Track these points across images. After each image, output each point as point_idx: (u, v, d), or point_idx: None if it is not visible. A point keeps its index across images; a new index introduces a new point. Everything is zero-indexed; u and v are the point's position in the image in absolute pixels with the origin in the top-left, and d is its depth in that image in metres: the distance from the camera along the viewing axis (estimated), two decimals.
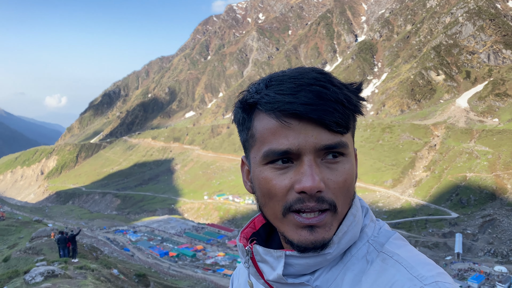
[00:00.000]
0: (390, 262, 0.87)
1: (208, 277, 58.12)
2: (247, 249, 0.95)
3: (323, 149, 0.86)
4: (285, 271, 0.90)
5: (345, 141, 0.87)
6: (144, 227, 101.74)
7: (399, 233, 0.97)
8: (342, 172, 0.87)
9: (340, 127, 0.86)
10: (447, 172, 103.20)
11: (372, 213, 1.01)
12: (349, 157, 0.90)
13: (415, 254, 0.90)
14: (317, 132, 0.85)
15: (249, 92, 0.96)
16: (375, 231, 0.96)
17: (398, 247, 0.91)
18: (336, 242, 0.89)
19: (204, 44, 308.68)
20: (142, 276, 18.33)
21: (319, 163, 0.86)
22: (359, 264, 0.90)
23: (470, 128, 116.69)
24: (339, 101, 0.85)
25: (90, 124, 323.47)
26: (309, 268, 0.91)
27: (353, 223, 0.92)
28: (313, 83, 0.86)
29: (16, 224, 32.93)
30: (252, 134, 0.93)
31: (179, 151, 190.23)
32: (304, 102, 0.83)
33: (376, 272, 0.86)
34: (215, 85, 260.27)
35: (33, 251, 19.30)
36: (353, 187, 0.91)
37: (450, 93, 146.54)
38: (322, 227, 0.87)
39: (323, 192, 0.85)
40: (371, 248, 0.92)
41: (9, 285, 10.14)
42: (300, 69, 0.93)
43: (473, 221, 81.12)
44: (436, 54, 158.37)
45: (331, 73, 0.93)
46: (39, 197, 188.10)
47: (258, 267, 0.94)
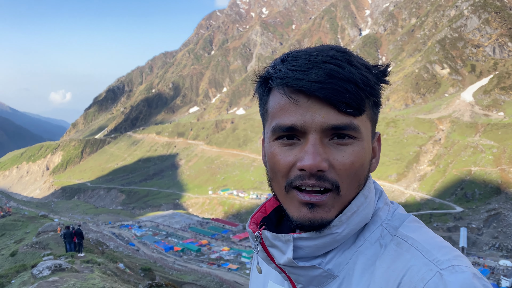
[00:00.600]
0: (404, 247, 0.85)
1: (213, 271, 58.42)
2: (256, 234, 0.96)
3: (331, 129, 0.84)
4: (295, 254, 0.90)
5: (356, 124, 0.85)
6: (149, 222, 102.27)
7: (414, 216, 0.94)
8: (350, 154, 0.86)
9: (350, 108, 0.83)
10: (452, 166, 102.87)
11: (386, 196, 0.99)
12: (361, 141, 0.87)
13: (431, 237, 0.87)
14: (325, 111, 0.83)
15: (268, 67, 0.96)
16: (389, 214, 0.94)
17: (412, 230, 0.89)
18: (344, 221, 0.88)
19: (207, 39, 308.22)
20: (148, 270, 18.48)
21: (326, 143, 0.86)
22: (372, 248, 0.88)
23: (475, 122, 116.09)
24: (352, 81, 0.83)
25: (94, 119, 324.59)
26: (319, 250, 0.90)
27: (364, 204, 0.90)
28: (327, 60, 0.85)
29: (23, 219, 33.22)
30: (266, 109, 0.95)
31: (183, 146, 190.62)
32: (313, 80, 0.82)
33: (391, 257, 0.85)
34: (219, 80, 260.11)
35: (40, 245, 19.50)
36: (362, 172, 0.89)
37: (455, 87, 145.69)
38: (321, 206, 0.86)
39: (326, 171, 0.85)
40: (384, 231, 0.90)
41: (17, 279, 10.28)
42: (320, 46, 0.92)
43: (478, 215, 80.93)
44: (441, 48, 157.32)
45: (352, 52, 0.90)
46: (44, 193, 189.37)
47: (268, 252, 0.94)
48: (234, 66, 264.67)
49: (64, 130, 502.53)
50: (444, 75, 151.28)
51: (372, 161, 0.96)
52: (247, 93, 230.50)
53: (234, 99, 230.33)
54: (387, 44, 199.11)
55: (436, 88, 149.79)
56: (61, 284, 7.43)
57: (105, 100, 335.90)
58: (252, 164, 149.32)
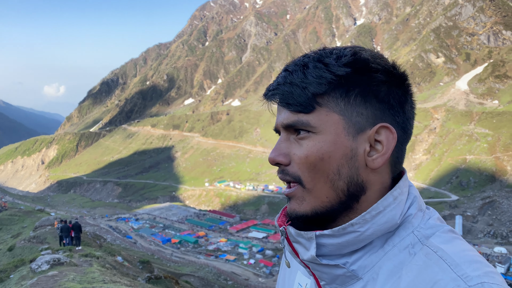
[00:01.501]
0: (433, 258, 0.82)
1: (210, 262, 58.75)
2: (281, 229, 0.97)
3: (286, 127, 0.93)
4: (318, 251, 0.90)
5: (304, 120, 0.90)
6: (146, 215, 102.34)
7: (450, 226, 0.92)
8: (304, 148, 0.90)
9: (292, 107, 0.91)
10: (447, 155, 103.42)
11: (422, 202, 0.97)
12: (319, 134, 0.90)
13: (462, 250, 0.84)
14: (283, 112, 0.93)
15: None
16: (423, 222, 0.92)
17: (444, 241, 0.86)
18: (369, 220, 0.87)
19: (201, 30, 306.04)
20: (146, 263, 18.51)
21: (292, 140, 0.93)
22: (400, 255, 0.87)
23: (470, 111, 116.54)
24: (294, 84, 0.90)
25: (89, 113, 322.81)
26: (343, 248, 0.90)
27: (392, 205, 0.89)
28: (287, 68, 0.95)
29: (19, 214, 33.13)
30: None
31: (179, 139, 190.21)
32: (270, 88, 0.96)
33: (418, 267, 0.82)
34: (213, 71, 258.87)
35: (37, 240, 19.47)
36: (325, 166, 0.90)
37: (450, 76, 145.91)
38: (293, 198, 0.94)
39: (288, 166, 0.92)
40: (415, 239, 0.88)
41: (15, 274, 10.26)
42: (306, 54, 0.97)
43: (473, 203, 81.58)
44: (435, 37, 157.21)
45: (324, 52, 0.94)
46: (40, 187, 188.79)
47: (293, 247, 0.96)
48: (229, 57, 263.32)
49: (58, 123, 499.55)
50: (439, 64, 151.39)
51: (374, 156, 0.92)
52: (242, 84, 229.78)
53: (229, 91, 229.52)
54: (382, 34, 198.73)
55: (431, 77, 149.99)
56: (60, 279, 7.41)
57: (99, 93, 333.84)
58: (248, 156, 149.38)
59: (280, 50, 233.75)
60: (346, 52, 0.92)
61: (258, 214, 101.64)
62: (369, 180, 0.92)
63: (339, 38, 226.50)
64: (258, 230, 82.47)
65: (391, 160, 0.94)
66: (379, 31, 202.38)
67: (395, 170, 0.96)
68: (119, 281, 7.83)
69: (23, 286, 7.28)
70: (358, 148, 0.91)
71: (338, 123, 0.90)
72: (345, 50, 0.93)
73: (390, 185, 0.95)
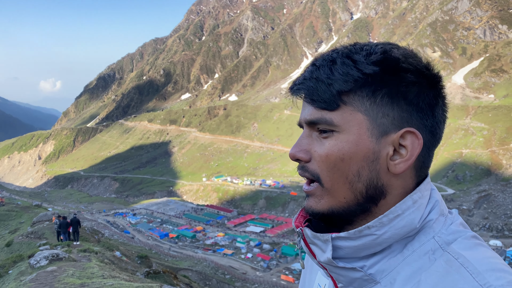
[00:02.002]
0: (454, 265, 0.79)
1: (208, 257, 59.00)
2: (298, 230, 0.96)
3: (309, 123, 0.92)
4: (335, 254, 0.89)
5: (328, 118, 0.88)
6: (143, 210, 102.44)
7: (474, 233, 0.89)
8: (326, 146, 0.88)
9: (317, 103, 0.89)
10: (443, 149, 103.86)
11: (444, 206, 0.94)
12: (341, 134, 0.88)
13: (485, 257, 0.80)
14: (308, 108, 0.92)
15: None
16: (444, 227, 0.88)
17: (466, 248, 0.83)
18: (386, 224, 0.85)
19: (198, 25, 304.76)
20: (145, 258, 18.64)
21: (314, 136, 0.92)
22: (420, 261, 0.84)
23: (466, 105, 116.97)
24: (320, 79, 0.88)
25: (86, 108, 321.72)
26: (360, 251, 0.88)
27: (411, 209, 0.86)
28: (314, 62, 0.93)
29: (16, 209, 33.17)
30: None
31: (176, 134, 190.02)
32: (296, 82, 0.94)
33: (438, 275, 0.80)
34: (210, 66, 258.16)
35: (35, 235, 19.55)
36: (345, 166, 0.88)
37: (446, 70, 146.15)
38: (312, 196, 0.92)
39: (308, 162, 0.91)
40: (436, 245, 0.85)
41: (14, 269, 10.34)
42: (333, 49, 0.95)
43: (468, 197, 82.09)
44: (432, 31, 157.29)
45: (353, 49, 0.91)
46: (37, 182, 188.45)
47: (310, 248, 0.95)
48: (226, 51, 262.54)
49: (55, 119, 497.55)
50: (435, 58, 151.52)
51: (396, 161, 0.89)
52: (239, 79, 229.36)
53: (226, 85, 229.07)
54: (379, 28, 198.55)
55: None
56: (60, 274, 7.51)
57: (96, 88, 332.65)
58: (245, 151, 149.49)
59: (277, 44, 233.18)
60: (377, 49, 0.89)
61: (255, 208, 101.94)
62: (390, 184, 0.90)
63: (336, 32, 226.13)
64: (256, 225, 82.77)
65: (416, 165, 0.91)
66: (375, 26, 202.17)
67: (420, 175, 0.93)
68: (118, 276, 7.93)
69: (22, 281, 7.37)
70: (381, 151, 0.88)
71: (362, 123, 0.88)
72: (376, 47, 0.89)
73: (412, 189, 0.91)
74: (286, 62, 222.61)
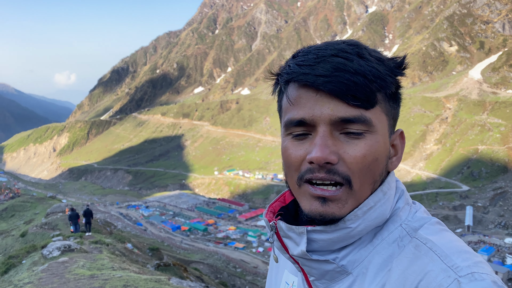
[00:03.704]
0: (423, 250, 0.82)
1: (219, 250, 59.24)
2: (271, 224, 0.95)
3: (340, 121, 0.83)
4: (309, 247, 0.89)
5: (367, 116, 0.83)
6: (156, 202, 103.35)
7: (437, 218, 0.92)
8: (362, 147, 0.84)
9: (358, 100, 0.82)
10: (458, 145, 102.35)
11: (408, 196, 0.97)
12: (374, 134, 0.85)
13: (451, 241, 0.84)
14: (334, 104, 0.82)
15: (282, 65, 0.95)
16: (410, 215, 0.91)
17: (433, 232, 0.86)
18: (360, 216, 0.86)
19: (211, 18, 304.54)
20: (156, 250, 18.71)
21: (336, 136, 0.84)
22: (389, 249, 0.86)
23: (483, 100, 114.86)
24: (359, 73, 0.81)
25: (99, 101, 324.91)
26: (333, 244, 0.88)
27: (382, 200, 0.89)
28: (335, 53, 0.85)
29: (31, 200, 33.62)
30: (280, 106, 0.95)
31: (189, 127, 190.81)
32: (319, 74, 0.82)
33: (408, 260, 0.82)
34: (223, 59, 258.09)
35: (49, 226, 19.76)
36: (377, 168, 0.87)
37: (463, 65, 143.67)
38: (335, 201, 0.85)
39: (336, 164, 0.83)
40: (403, 232, 0.87)
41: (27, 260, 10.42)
42: (331, 41, 0.92)
43: (484, 194, 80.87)
44: (449, 25, 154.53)
45: (364, 45, 0.89)
46: (52, 174, 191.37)
47: (283, 242, 0.94)
48: (239, 45, 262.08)
49: (69, 111, 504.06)
50: (452, 52, 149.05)
51: (393, 159, 0.94)
52: (252, 73, 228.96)
53: (238, 79, 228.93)
54: (394, 22, 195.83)
55: (443, 66, 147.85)
56: (70, 265, 7.50)
57: (109, 81, 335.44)
58: (257, 145, 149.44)
59: (290, 38, 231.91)
60: (379, 53, 0.90)
61: (267, 202, 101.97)
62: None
63: (351, 26, 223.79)
64: None
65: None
66: (391, 19, 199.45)
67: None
68: (128, 268, 7.90)
69: (34, 271, 7.38)
70: (389, 150, 0.92)
71: (385, 123, 0.89)
72: (376, 52, 0.90)
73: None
74: None
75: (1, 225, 27.00)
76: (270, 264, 1.21)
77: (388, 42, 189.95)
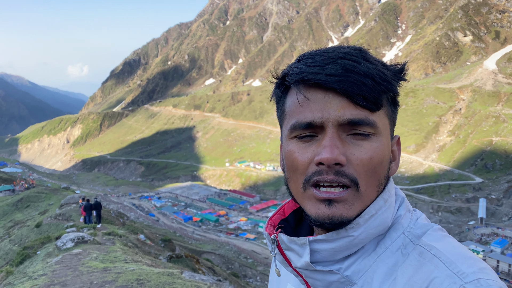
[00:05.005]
0: (427, 257, 0.81)
1: (231, 241, 59.63)
2: (272, 237, 0.94)
3: (347, 123, 0.84)
4: (312, 258, 0.88)
5: (372, 119, 0.84)
6: (168, 193, 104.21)
7: (439, 225, 0.91)
8: (368, 149, 0.85)
9: (367, 101, 0.83)
10: (472, 136, 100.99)
11: (408, 203, 0.96)
12: (379, 136, 0.86)
13: (455, 247, 0.83)
14: (341, 105, 0.83)
15: (285, 68, 0.95)
16: (412, 222, 0.91)
17: (436, 239, 0.85)
18: (362, 225, 0.85)
19: (222, 9, 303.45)
20: (168, 241, 18.88)
21: (344, 138, 0.85)
22: (393, 257, 0.86)
23: (497, 91, 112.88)
24: (368, 75, 0.83)
25: (112, 92, 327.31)
26: (336, 253, 0.88)
27: (383, 208, 0.88)
28: (343, 56, 0.86)
29: (46, 191, 34.12)
30: (284, 110, 0.94)
31: (200, 119, 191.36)
32: (330, 73, 0.83)
33: (413, 267, 0.82)
34: (234, 51, 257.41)
35: (63, 217, 20.05)
36: (382, 170, 0.87)
37: (478, 55, 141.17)
38: (341, 203, 0.84)
39: (344, 166, 0.83)
40: (406, 240, 0.87)
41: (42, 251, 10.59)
42: (336, 46, 0.92)
43: (498, 186, 79.85)
44: (463, 14, 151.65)
45: (368, 50, 0.90)
46: (66, 165, 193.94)
47: (285, 255, 0.93)
48: (250, 36, 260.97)
49: (82, 103, 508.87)
50: (466, 42, 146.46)
51: (392, 164, 0.94)
52: (263, 64, 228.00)
53: (250, 71, 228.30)
54: (407, 11, 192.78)
55: (457, 57, 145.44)
56: (84, 257, 7.61)
57: (121, 73, 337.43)
58: (268, 136, 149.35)
59: (302, 29, 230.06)
60: (375, 59, 0.91)
61: (278, 194, 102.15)
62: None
63: (363, 16, 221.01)
64: None
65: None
66: (404, 9, 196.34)
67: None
68: (141, 260, 7.98)
69: (48, 263, 7.50)
70: (391, 155, 0.93)
71: (387, 127, 0.90)
72: (377, 60, 0.91)
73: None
74: (311, 46, 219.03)
75: (17, 216, 27.50)
76: (270, 277, 1.21)
77: (401, 33, 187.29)
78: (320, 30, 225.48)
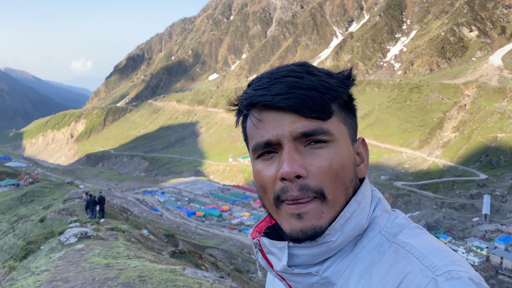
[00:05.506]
0: (402, 253, 0.84)
1: (234, 236, 59.71)
2: (255, 241, 0.97)
3: (301, 136, 0.86)
4: (290, 261, 0.91)
5: (325, 128, 0.87)
6: (171, 188, 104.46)
7: (416, 224, 0.93)
8: (326, 156, 0.87)
9: (315, 112, 0.86)
10: (477, 132, 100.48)
11: (386, 203, 0.99)
12: (337, 142, 0.89)
13: (429, 242, 0.86)
14: (293, 120, 0.86)
15: (241, 94, 1.02)
16: (389, 222, 0.93)
17: (411, 236, 0.88)
18: (338, 229, 0.88)
19: (226, 4, 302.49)
20: (171, 236, 18.89)
21: (302, 150, 0.87)
22: (370, 256, 0.88)
23: (503, 87, 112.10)
24: (312, 88, 0.86)
25: (116, 87, 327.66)
26: (315, 258, 0.90)
27: (358, 210, 0.90)
28: (286, 74, 0.90)
29: (50, 186, 34.21)
30: (246, 133, 1.00)
31: (204, 114, 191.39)
32: (275, 93, 0.87)
33: (388, 264, 0.84)
34: (238, 46, 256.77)
35: (67, 212, 20.12)
36: (345, 175, 0.89)
37: (483, 50, 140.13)
38: (310, 214, 0.86)
39: (306, 179, 0.85)
40: (383, 239, 0.89)
41: (45, 245, 10.61)
42: (280, 66, 0.96)
43: (502, 183, 79.50)
44: (469, 9, 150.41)
45: (312, 64, 0.95)
46: (70, 160, 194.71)
47: (267, 259, 0.96)
48: (254, 31, 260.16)
49: (86, 98, 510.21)
50: (471, 38, 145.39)
51: (360, 166, 0.97)
52: (267, 60, 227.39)
53: (253, 66, 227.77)
54: (412, 6, 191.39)
55: (463, 52, 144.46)
56: (87, 253, 7.60)
57: (125, 68, 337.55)
58: None
59: (306, 23, 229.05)
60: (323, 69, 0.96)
61: None
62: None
63: (367, 11, 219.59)
64: None
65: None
66: (409, 4, 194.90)
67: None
68: (144, 256, 7.97)
69: (51, 258, 7.50)
70: (355, 158, 0.96)
71: (345, 132, 0.93)
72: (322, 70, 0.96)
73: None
74: (315, 41, 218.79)
75: (21, 210, 27.63)
76: (268, 279, 1.23)
77: (406, 28, 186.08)
78: (324, 25, 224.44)
